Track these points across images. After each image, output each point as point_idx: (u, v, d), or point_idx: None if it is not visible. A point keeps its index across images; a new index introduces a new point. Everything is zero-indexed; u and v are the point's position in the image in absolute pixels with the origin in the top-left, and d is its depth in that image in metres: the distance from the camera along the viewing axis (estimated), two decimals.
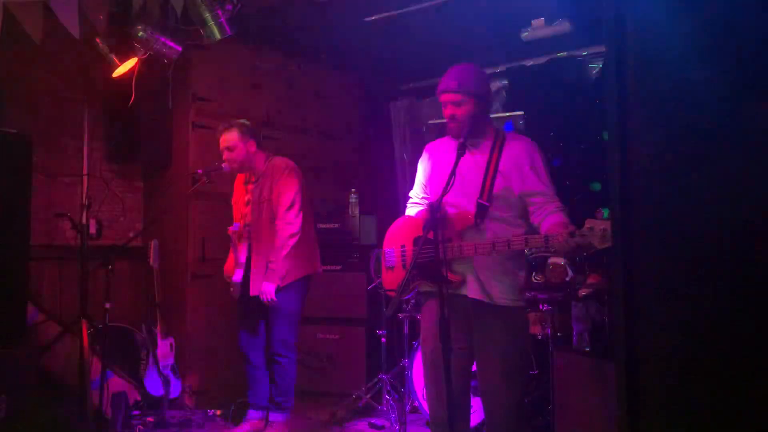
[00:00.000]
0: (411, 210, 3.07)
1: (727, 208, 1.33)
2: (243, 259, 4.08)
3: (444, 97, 2.77)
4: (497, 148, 2.75)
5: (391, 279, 2.93)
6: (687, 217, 1.37)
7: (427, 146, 3.06)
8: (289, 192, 3.97)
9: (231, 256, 4.19)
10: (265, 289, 3.90)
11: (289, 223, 3.94)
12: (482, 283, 2.71)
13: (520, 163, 2.71)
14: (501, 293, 2.72)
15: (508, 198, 2.70)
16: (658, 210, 1.40)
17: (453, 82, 2.74)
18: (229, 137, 4.00)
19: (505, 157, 2.73)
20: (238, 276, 4.08)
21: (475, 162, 2.78)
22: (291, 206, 3.95)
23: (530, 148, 2.76)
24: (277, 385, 4.05)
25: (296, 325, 4.11)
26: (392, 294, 2.94)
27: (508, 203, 2.71)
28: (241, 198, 4.19)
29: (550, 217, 2.62)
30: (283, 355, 4.02)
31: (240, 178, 4.25)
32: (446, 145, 2.94)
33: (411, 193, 3.13)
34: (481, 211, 2.69)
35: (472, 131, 2.73)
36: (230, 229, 4.10)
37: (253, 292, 3.96)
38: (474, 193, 2.72)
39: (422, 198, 3.05)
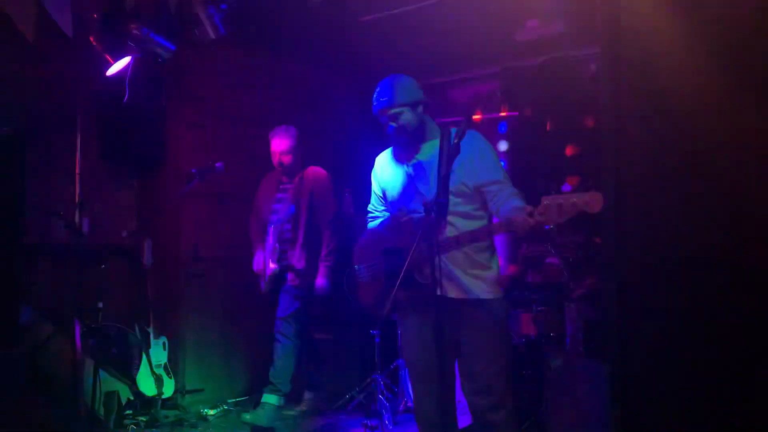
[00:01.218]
0: (373, 223, 3.09)
1: (719, 207, 1.34)
2: (276, 255, 4.36)
3: (382, 115, 2.83)
4: (446, 146, 2.74)
5: (365, 294, 2.95)
6: (679, 216, 1.37)
7: (377, 158, 3.09)
8: (331, 200, 4.51)
9: (260, 253, 4.42)
10: (322, 284, 4.34)
11: (336, 233, 4.46)
12: (455, 279, 2.73)
13: (470, 157, 2.72)
14: (479, 287, 2.74)
15: (465, 192, 2.73)
16: (650, 208, 1.41)
17: (384, 99, 2.81)
18: (286, 142, 4.39)
19: (454, 153, 2.71)
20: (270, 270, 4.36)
21: (428, 165, 2.82)
22: (335, 214, 4.48)
23: (476, 140, 2.78)
24: (275, 364, 4.29)
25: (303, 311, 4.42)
26: (371, 310, 2.95)
27: (465, 197, 2.74)
28: (270, 195, 4.50)
29: (506, 203, 2.64)
30: (284, 335, 4.32)
31: (270, 177, 4.60)
32: (395, 154, 2.98)
33: (369, 207, 3.14)
34: (440, 209, 2.64)
35: (417, 134, 2.82)
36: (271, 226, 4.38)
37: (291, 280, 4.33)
38: (430, 194, 2.76)
39: (381, 211, 3.08)
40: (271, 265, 4.33)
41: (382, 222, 3.02)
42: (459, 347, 2.79)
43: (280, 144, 4.38)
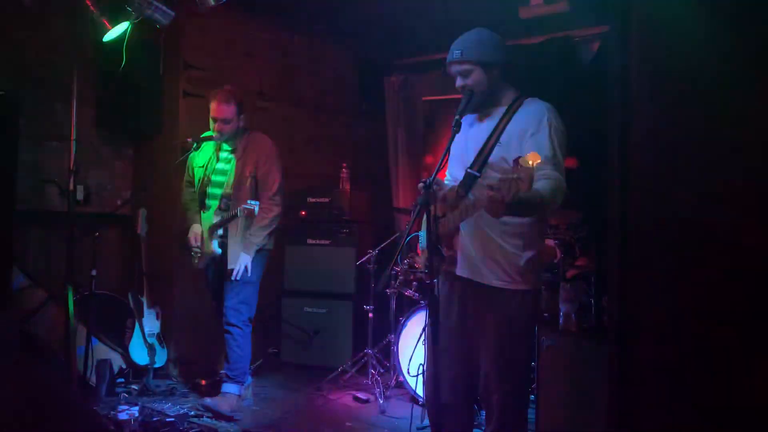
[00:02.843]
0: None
1: (725, 191, 1.33)
2: (214, 229, 4.06)
3: (451, 69, 2.64)
4: (508, 115, 2.58)
5: (423, 258, 2.88)
6: (684, 199, 1.36)
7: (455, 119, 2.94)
8: (277, 174, 4.09)
9: (197, 226, 4.13)
10: (244, 260, 3.96)
11: (278, 205, 4.07)
12: (472, 260, 2.58)
13: (524, 130, 2.50)
14: (493, 273, 2.56)
15: (503, 168, 2.42)
16: (655, 190, 1.39)
17: (457, 51, 2.60)
18: (228, 110, 3.97)
19: (512, 125, 2.56)
20: (213, 247, 4.06)
21: (479, 132, 2.64)
22: (279, 188, 4.08)
23: (540, 113, 2.53)
24: (229, 357, 4.05)
25: (254, 297, 4.14)
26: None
27: (503, 173, 2.48)
28: (204, 162, 4.15)
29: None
30: (236, 326, 4.02)
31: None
32: (466, 118, 2.77)
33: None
34: (468, 180, 2.56)
35: (484, 102, 2.62)
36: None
37: (231, 264, 3.98)
38: (469, 163, 2.61)
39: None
40: (212, 248, 4.06)
41: None
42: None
43: (219, 111, 3.97)
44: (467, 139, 2.70)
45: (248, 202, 3.83)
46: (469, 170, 2.56)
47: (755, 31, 1.34)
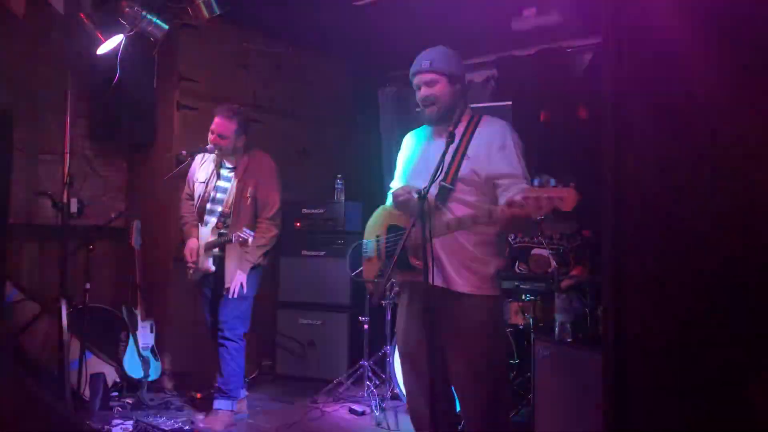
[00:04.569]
0: (390, 200, 3.06)
1: (718, 201, 1.34)
2: (210, 247, 4.06)
3: (417, 79, 2.75)
4: (469, 131, 2.70)
5: (368, 269, 2.92)
6: (678, 207, 1.37)
7: (406, 136, 3.03)
8: (276, 195, 4.10)
9: (194, 241, 4.12)
10: (239, 278, 3.97)
11: (276, 225, 4.10)
12: (443, 268, 2.65)
13: (489, 145, 2.64)
14: (464, 280, 2.63)
15: (474, 181, 2.62)
16: (650, 199, 1.40)
17: (425, 61, 2.71)
18: (228, 127, 3.97)
19: (475, 140, 2.68)
20: (208, 263, 4.07)
21: (440, 146, 2.65)
22: (278, 210, 4.10)
23: (502, 130, 2.68)
24: (223, 371, 4.03)
25: (249, 312, 4.14)
26: (370, 285, 2.93)
27: (474, 186, 2.63)
28: (206, 178, 4.13)
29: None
30: (231, 339, 4.02)
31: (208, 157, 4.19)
32: (422, 133, 2.92)
33: (391, 184, 3.08)
34: (444, 193, 2.63)
35: (447, 114, 2.71)
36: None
37: (227, 282, 3.97)
38: (439, 176, 2.64)
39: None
40: (207, 265, 4.06)
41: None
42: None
43: (219, 126, 3.96)
44: (428, 152, 2.78)
45: (244, 230, 3.83)
46: (443, 183, 2.64)
47: (746, 38, 1.36)
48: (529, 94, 5.09)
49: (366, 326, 4.68)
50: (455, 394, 2.80)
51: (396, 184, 3.01)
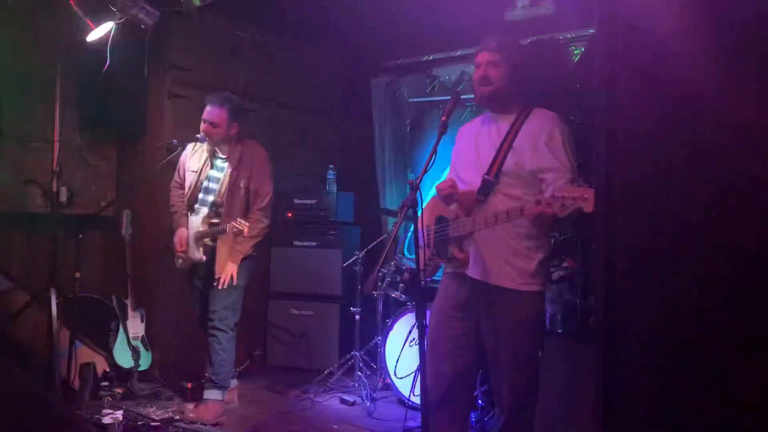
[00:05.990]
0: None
1: (711, 197, 1.33)
2: (201, 237, 4.05)
3: (480, 57, 2.70)
4: (518, 123, 2.65)
5: (419, 257, 2.92)
6: (672, 201, 1.36)
7: (460, 129, 2.99)
8: (269, 186, 4.08)
9: (183, 230, 4.11)
10: (230, 269, 3.95)
11: (267, 216, 4.08)
12: (484, 262, 2.63)
13: (536, 138, 2.59)
14: (506, 275, 2.61)
15: (519, 174, 2.59)
16: (641, 194, 1.40)
17: (493, 42, 2.67)
18: (219, 115, 3.93)
19: (523, 132, 2.63)
20: (198, 253, 4.06)
21: (491, 137, 2.71)
22: (271, 201, 4.09)
23: (551, 123, 2.63)
24: (213, 361, 4.01)
25: (240, 302, 4.12)
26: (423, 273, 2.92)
27: (519, 180, 2.59)
28: (198, 167, 4.10)
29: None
30: (222, 330, 4.00)
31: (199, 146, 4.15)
32: (473, 123, 2.90)
33: (449, 175, 3.01)
34: (486, 186, 2.62)
35: (499, 99, 2.68)
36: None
37: (218, 273, 3.95)
38: (484, 169, 2.66)
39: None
40: (198, 255, 4.06)
41: None
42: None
43: (209, 115, 3.93)
44: (478, 144, 2.75)
45: (239, 220, 3.81)
46: (485, 176, 2.62)
47: (736, 24, 1.35)
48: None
49: (357, 317, 4.68)
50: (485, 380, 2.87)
51: (450, 174, 2.98)
